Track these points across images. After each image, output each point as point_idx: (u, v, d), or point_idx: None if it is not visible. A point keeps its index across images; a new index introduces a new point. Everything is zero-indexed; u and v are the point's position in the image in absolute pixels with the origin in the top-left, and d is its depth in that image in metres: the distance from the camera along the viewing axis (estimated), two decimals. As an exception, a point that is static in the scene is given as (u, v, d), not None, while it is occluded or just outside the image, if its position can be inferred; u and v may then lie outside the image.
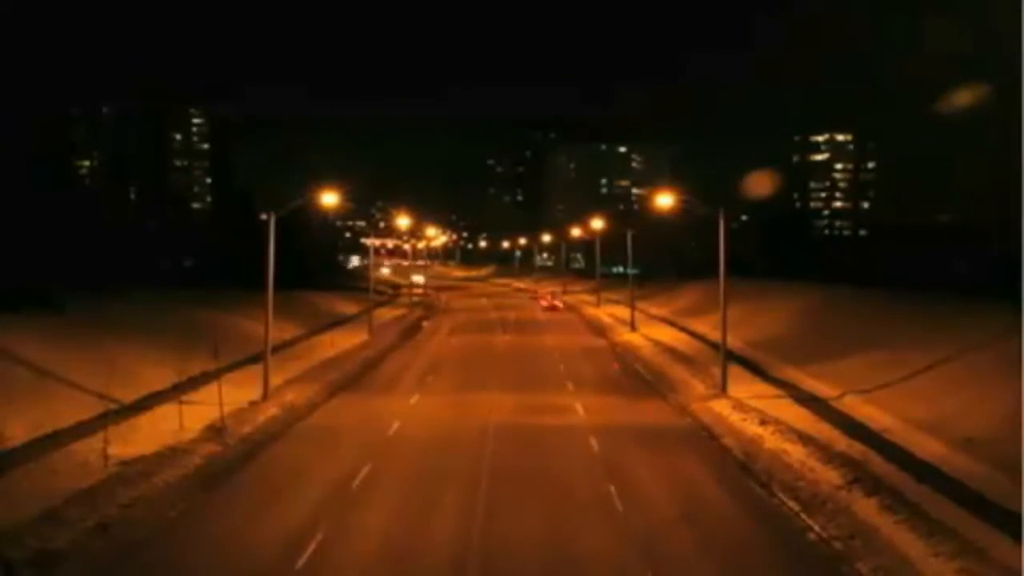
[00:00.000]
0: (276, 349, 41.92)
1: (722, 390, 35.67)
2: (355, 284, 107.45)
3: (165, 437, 27.05)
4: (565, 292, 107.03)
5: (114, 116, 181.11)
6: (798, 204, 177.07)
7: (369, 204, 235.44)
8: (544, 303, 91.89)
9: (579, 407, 34.90)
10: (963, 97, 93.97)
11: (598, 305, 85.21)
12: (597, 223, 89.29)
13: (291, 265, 62.22)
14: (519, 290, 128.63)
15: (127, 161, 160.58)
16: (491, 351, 55.19)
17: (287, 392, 36.02)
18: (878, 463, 23.91)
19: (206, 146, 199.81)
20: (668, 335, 58.43)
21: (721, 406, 32.99)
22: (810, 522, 20.12)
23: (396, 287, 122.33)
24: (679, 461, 26.50)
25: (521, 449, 28.01)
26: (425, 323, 74.57)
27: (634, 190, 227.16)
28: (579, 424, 31.78)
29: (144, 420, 29.62)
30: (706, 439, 29.53)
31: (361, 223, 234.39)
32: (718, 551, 18.79)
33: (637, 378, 43.83)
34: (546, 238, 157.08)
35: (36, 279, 44.87)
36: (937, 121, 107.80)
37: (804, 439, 26.65)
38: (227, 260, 75.55)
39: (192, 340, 40.23)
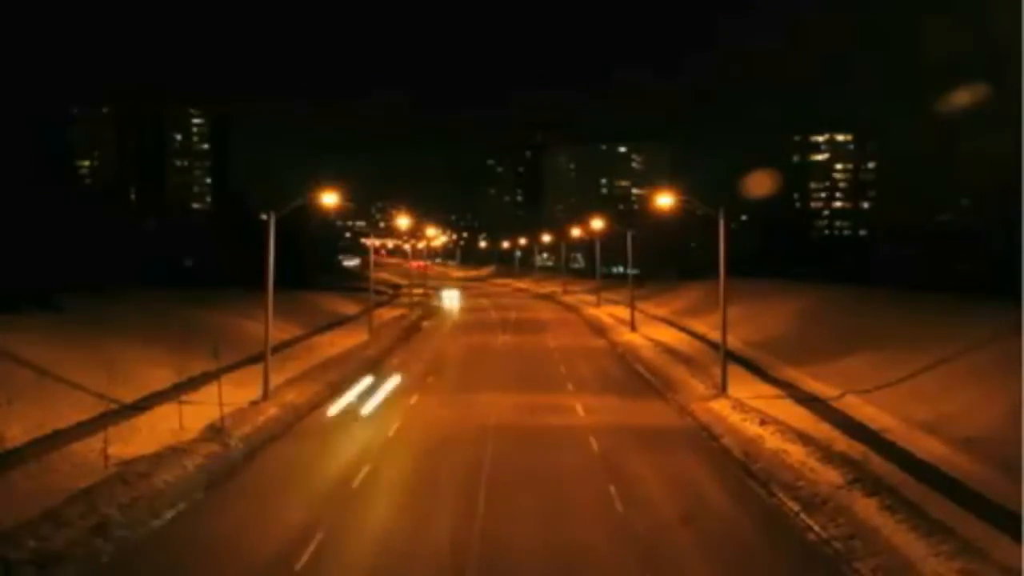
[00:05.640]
0: (276, 349, 41.90)
1: (722, 390, 35.64)
2: (355, 284, 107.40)
3: (165, 437, 27.03)
4: (565, 292, 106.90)
5: (114, 116, 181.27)
6: (798, 204, 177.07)
7: (369, 204, 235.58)
8: None
9: (579, 407, 34.87)
10: (963, 97, 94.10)
11: (598, 305, 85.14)
12: (597, 223, 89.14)
13: (291, 265, 62.21)
14: (519, 290, 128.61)
15: (127, 161, 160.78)
16: (491, 351, 55.16)
17: (287, 392, 35.98)
18: (878, 463, 23.92)
19: (206, 146, 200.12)
20: (668, 335, 58.42)
21: (721, 406, 32.96)
22: (810, 522, 20.11)
23: (396, 287, 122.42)
24: (679, 461, 26.50)
25: (521, 449, 27.99)
26: (425, 323, 74.51)
27: (634, 190, 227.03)
28: (579, 424, 31.75)
29: (144, 420, 29.60)
30: (706, 439, 29.51)
31: (361, 223, 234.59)
32: (718, 551, 18.80)
33: (637, 378, 43.80)
34: (546, 238, 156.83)
35: (36, 279, 44.83)
36: (937, 121, 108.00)
37: (804, 439, 26.65)
38: (227, 260, 75.43)
39: (192, 340, 40.19)
